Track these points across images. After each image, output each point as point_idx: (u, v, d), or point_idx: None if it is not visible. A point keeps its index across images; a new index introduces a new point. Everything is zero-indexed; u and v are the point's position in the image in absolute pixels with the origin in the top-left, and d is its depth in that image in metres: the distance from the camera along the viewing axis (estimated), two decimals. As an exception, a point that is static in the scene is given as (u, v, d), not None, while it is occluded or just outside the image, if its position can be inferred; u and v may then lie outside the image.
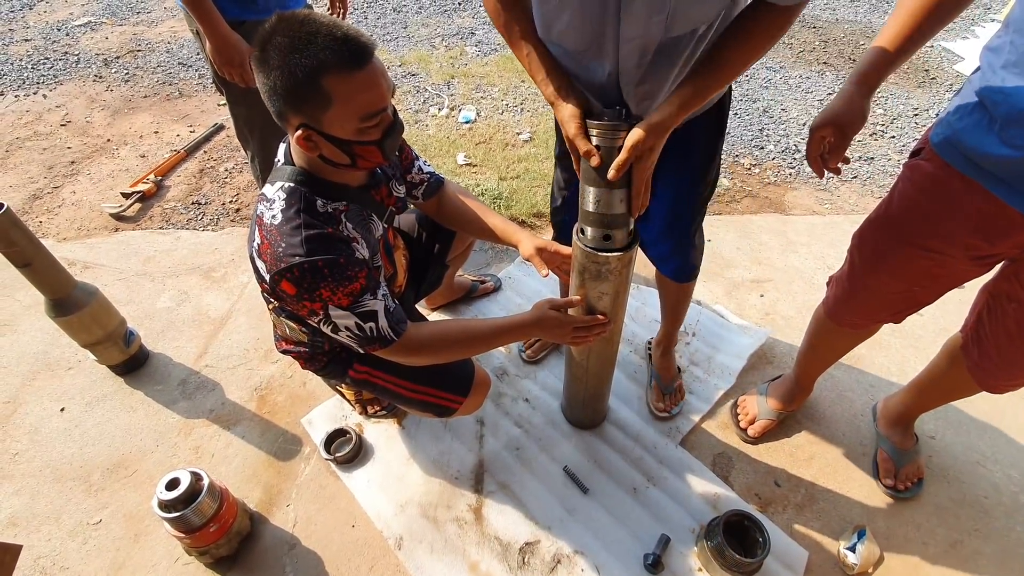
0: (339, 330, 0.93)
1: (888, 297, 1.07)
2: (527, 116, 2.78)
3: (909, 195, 0.94)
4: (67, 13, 4.09)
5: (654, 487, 1.34)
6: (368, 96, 0.81)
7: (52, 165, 2.53)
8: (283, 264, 0.86)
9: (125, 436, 1.49)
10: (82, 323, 1.46)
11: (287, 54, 0.76)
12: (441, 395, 1.18)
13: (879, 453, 1.39)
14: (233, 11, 1.35)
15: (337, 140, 0.84)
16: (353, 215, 0.96)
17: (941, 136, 0.87)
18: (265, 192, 0.92)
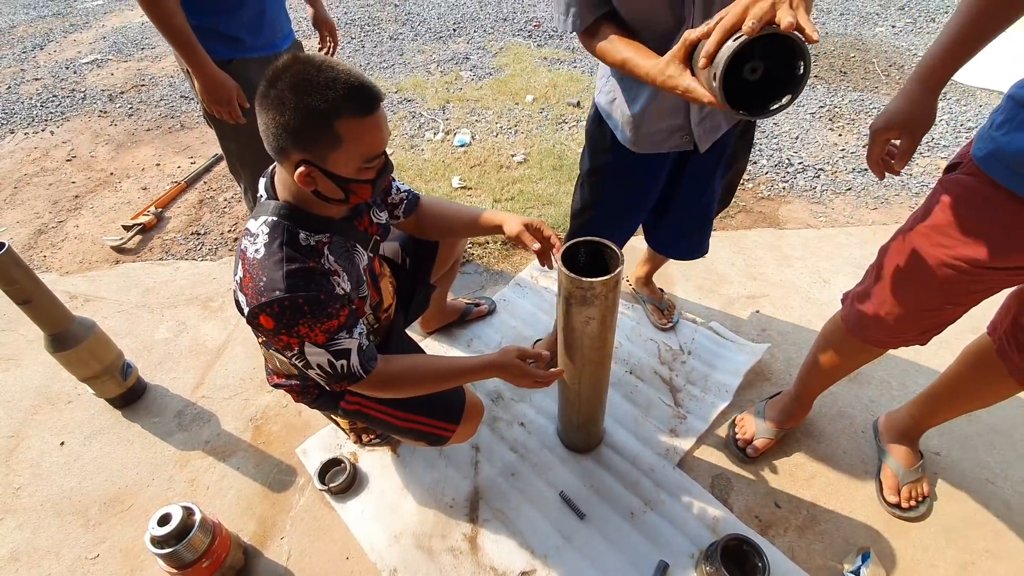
0: (311, 367, 0.94)
1: (919, 315, 1.02)
2: (521, 138, 2.81)
3: (949, 211, 0.91)
4: (75, 52, 4.21)
5: (652, 511, 1.32)
6: (374, 140, 0.85)
7: (57, 200, 2.59)
8: (263, 298, 0.87)
9: (122, 470, 1.49)
10: (80, 357, 1.47)
11: (304, 95, 0.78)
12: (433, 423, 1.17)
13: (883, 470, 1.36)
14: (221, 51, 1.38)
15: (337, 177, 0.87)
16: (336, 247, 0.98)
17: (985, 151, 0.84)
18: (249, 227, 0.94)
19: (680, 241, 1.45)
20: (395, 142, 2.85)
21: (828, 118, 2.85)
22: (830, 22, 3.93)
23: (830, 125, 2.80)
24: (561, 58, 3.63)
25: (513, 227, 1.14)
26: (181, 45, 1.30)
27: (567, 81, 3.31)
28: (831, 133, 2.74)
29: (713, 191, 1.31)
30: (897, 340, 1.11)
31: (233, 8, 1.38)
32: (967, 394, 1.20)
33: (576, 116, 2.97)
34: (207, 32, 1.35)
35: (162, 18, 1.26)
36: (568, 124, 2.90)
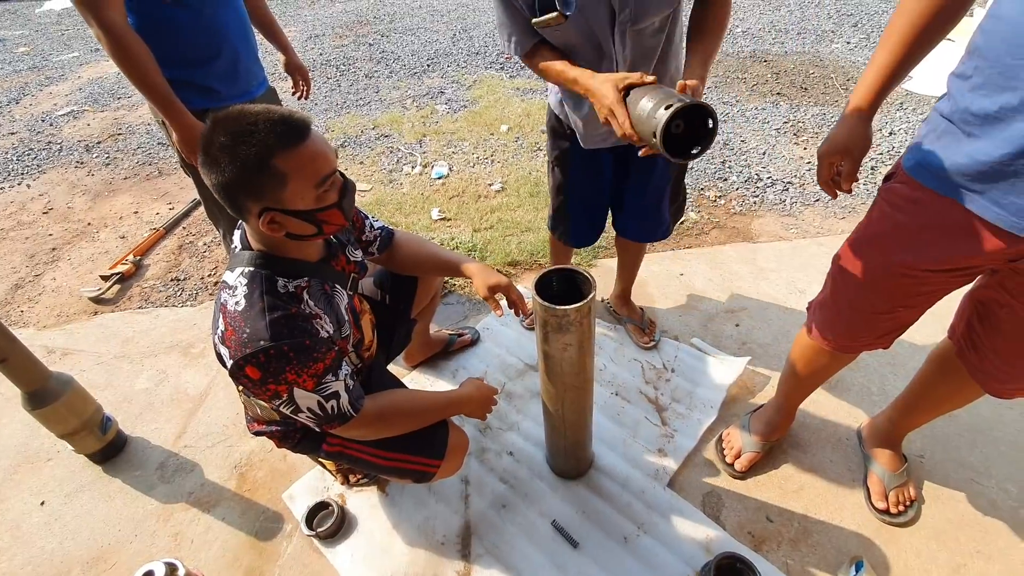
0: (300, 411, 0.94)
1: (873, 318, 1.08)
2: (498, 167, 2.87)
3: (886, 217, 0.97)
4: (51, 104, 4.23)
5: (645, 534, 1.31)
6: (317, 163, 0.86)
7: (34, 254, 2.57)
8: (248, 350, 0.86)
9: (104, 527, 1.45)
10: (58, 414, 1.45)
11: (234, 148, 0.80)
12: (417, 460, 1.16)
13: (869, 476, 1.38)
14: (197, 101, 1.41)
15: (300, 213, 0.88)
16: (314, 291, 0.98)
17: (913, 160, 0.91)
18: (226, 280, 0.94)
19: (639, 223, 1.60)
20: (373, 177, 2.89)
21: (792, 133, 2.95)
22: (788, 41, 4.10)
23: (795, 140, 2.89)
24: (534, 87, 3.73)
25: (480, 289, 1.21)
26: (158, 99, 1.32)
27: (540, 109, 3.39)
28: (796, 147, 2.83)
29: (660, 177, 1.46)
30: (858, 344, 1.15)
31: (208, 60, 1.41)
32: (938, 397, 1.23)
33: (550, 143, 3.03)
34: (182, 84, 1.38)
35: (138, 74, 1.28)
36: (543, 151, 2.96)
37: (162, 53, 1.33)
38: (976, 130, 0.79)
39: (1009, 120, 0.74)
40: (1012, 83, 0.73)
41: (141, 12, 1.30)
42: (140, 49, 1.26)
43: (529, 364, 1.77)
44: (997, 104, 0.75)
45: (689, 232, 2.29)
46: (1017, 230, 0.80)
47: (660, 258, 2.17)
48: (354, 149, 3.18)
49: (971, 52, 0.81)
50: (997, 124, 0.76)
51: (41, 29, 6.37)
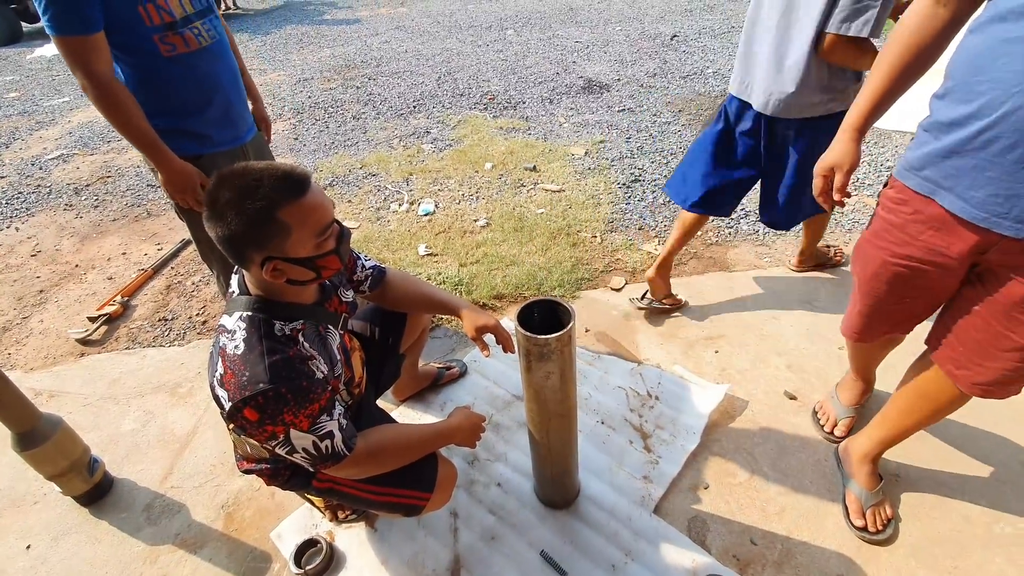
0: (296, 451, 0.97)
1: (885, 309, 1.22)
2: (483, 203, 2.95)
3: (881, 218, 1.14)
4: (41, 148, 4.28)
5: (632, 561, 1.33)
6: (318, 214, 0.92)
7: (21, 296, 2.57)
8: (247, 392, 0.90)
9: (91, 570, 1.43)
10: (47, 455, 1.44)
11: (239, 203, 0.86)
12: (406, 494, 1.18)
13: (847, 495, 1.42)
14: (191, 147, 1.47)
15: (301, 260, 0.94)
16: (310, 333, 1.03)
17: (899, 167, 1.08)
18: (224, 323, 0.98)
19: (769, 210, 1.84)
20: (361, 215, 2.96)
21: (764, 166, 3.09)
22: (757, 80, 4.32)
23: (766, 173, 3.03)
24: (516, 127, 3.87)
25: (469, 330, 1.29)
26: (145, 145, 1.38)
27: (523, 148, 3.51)
28: (768, 180, 2.96)
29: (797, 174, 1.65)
30: (874, 333, 1.30)
31: (201, 108, 1.47)
32: (916, 409, 1.29)
33: (533, 179, 3.14)
34: (177, 132, 1.44)
35: (124, 122, 1.34)
36: (526, 187, 3.07)
37: (158, 103, 1.40)
38: (942, 135, 0.96)
39: (965, 124, 0.91)
40: (970, 96, 0.90)
41: (138, 65, 1.37)
42: (125, 98, 1.32)
43: (516, 395, 1.80)
44: (958, 113, 0.92)
45: (668, 263, 2.37)
46: (979, 220, 0.94)
47: (640, 288, 2.23)
48: (342, 188, 3.26)
49: (945, 76, 0.97)
50: (956, 128, 0.93)
51: (32, 75, 6.46)
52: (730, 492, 1.48)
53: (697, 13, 6.50)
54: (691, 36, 5.59)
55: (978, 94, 0.88)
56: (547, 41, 5.87)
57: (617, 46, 5.48)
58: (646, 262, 2.38)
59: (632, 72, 4.72)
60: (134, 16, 1.29)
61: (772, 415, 1.68)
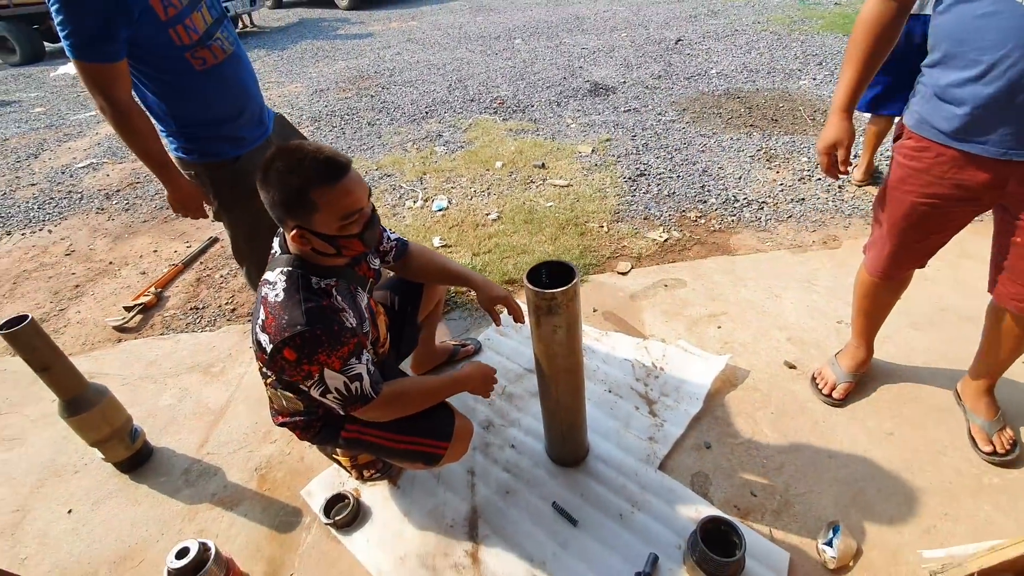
0: (328, 391, 1.08)
1: (911, 247, 1.36)
2: (494, 199, 3.08)
3: (904, 165, 1.27)
4: (70, 158, 4.50)
5: (639, 511, 1.41)
6: (346, 201, 1.05)
7: (58, 291, 2.72)
8: (286, 334, 1.02)
9: (131, 529, 1.54)
10: (93, 421, 1.56)
11: (283, 175, 1.01)
12: (427, 443, 1.29)
13: (971, 428, 1.53)
14: (230, 151, 1.58)
15: (324, 236, 1.06)
16: (342, 289, 1.15)
17: (914, 120, 1.22)
18: (267, 277, 1.11)
19: None
20: (378, 211, 3.09)
21: (766, 159, 3.19)
22: (759, 80, 4.43)
23: (768, 165, 3.12)
24: (525, 128, 4.01)
25: (483, 302, 1.43)
26: (157, 166, 1.48)
27: (531, 147, 3.64)
28: (770, 171, 3.05)
29: None
30: (901, 271, 1.44)
31: (237, 114, 1.57)
32: (1004, 343, 1.41)
33: (542, 176, 3.26)
34: (216, 139, 1.55)
35: (139, 145, 1.42)
36: (536, 183, 3.19)
37: (198, 115, 1.50)
38: (949, 97, 1.12)
39: (966, 84, 1.07)
40: (964, 64, 1.06)
41: (175, 82, 1.44)
42: (142, 123, 1.41)
43: (527, 368, 1.90)
44: (960, 76, 1.08)
45: (672, 248, 2.47)
46: (997, 156, 1.09)
47: (645, 272, 2.33)
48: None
49: (931, 48, 1.15)
50: (959, 87, 1.09)
51: (57, 91, 6.75)
52: (731, 451, 1.56)
53: (701, 19, 6.65)
54: (695, 40, 5.72)
55: (972, 61, 1.04)
56: (554, 49, 6.04)
57: (623, 51, 5.62)
58: (651, 248, 2.48)
59: (637, 75, 4.85)
60: (166, 40, 1.35)
61: (772, 383, 1.76)
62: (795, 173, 3.00)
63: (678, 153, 3.37)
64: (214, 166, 1.58)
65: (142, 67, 1.39)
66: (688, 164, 3.22)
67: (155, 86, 1.44)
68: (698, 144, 3.45)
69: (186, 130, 1.52)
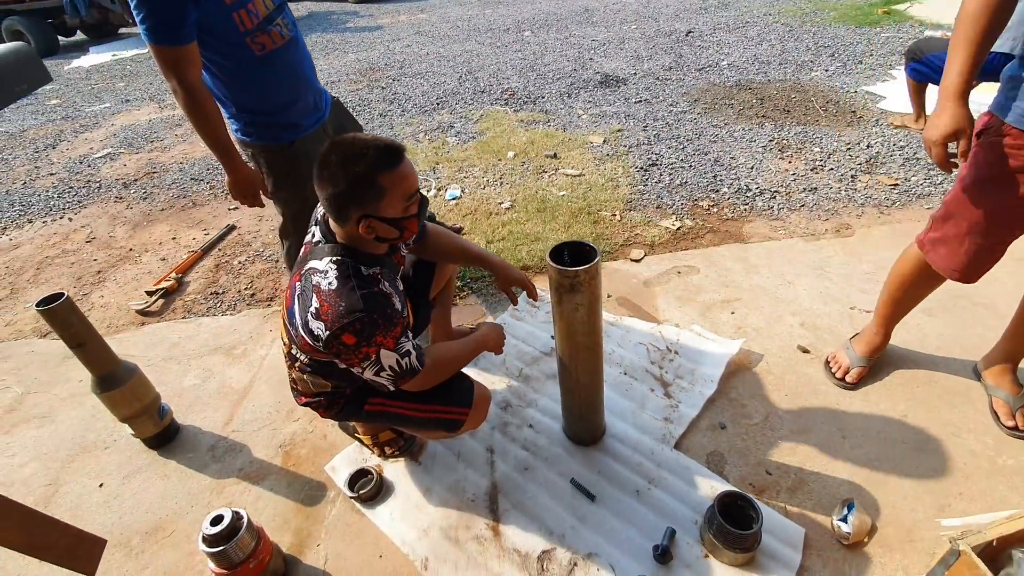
0: (383, 370, 1.13)
1: (996, 246, 1.31)
2: (506, 188, 3.10)
3: (998, 163, 1.20)
4: (88, 148, 4.56)
5: (655, 488, 1.45)
6: (408, 182, 1.11)
7: (80, 276, 2.78)
8: (346, 320, 1.06)
9: (161, 501, 1.59)
10: (124, 397, 1.61)
11: (346, 166, 1.04)
12: (449, 410, 1.33)
13: (993, 402, 1.56)
14: (288, 136, 1.63)
15: (390, 220, 1.11)
16: (386, 276, 1.20)
17: (1015, 115, 1.15)
18: (316, 266, 1.14)
19: None
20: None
21: (778, 149, 3.19)
22: (771, 71, 4.42)
23: (780, 155, 3.13)
24: (536, 119, 4.02)
25: (501, 283, 1.48)
26: (221, 150, 1.53)
27: (543, 138, 3.66)
28: (782, 161, 3.06)
29: None
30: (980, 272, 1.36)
31: (294, 100, 1.62)
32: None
33: (554, 166, 3.28)
34: (275, 125, 1.60)
35: (206, 128, 1.48)
36: (548, 173, 3.21)
37: (257, 101, 1.56)
38: None
39: None
40: None
41: (236, 68, 1.49)
42: (210, 106, 1.46)
43: (543, 352, 1.93)
44: None
45: (685, 236, 2.49)
46: None
47: (659, 260, 2.36)
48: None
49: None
50: None
51: (71, 84, 6.82)
52: (746, 432, 1.59)
53: (712, 10, 6.62)
54: (706, 32, 5.71)
55: None
56: (564, 41, 6.04)
57: (633, 43, 5.62)
58: (663, 236, 2.50)
59: (648, 67, 4.85)
60: (230, 24, 1.41)
61: (786, 366, 1.78)
62: (807, 163, 3.01)
63: (690, 143, 3.38)
64: (270, 149, 1.64)
65: (205, 52, 1.44)
66: (700, 154, 3.23)
67: (217, 70, 1.50)
68: (710, 134, 3.46)
69: (244, 115, 1.58)
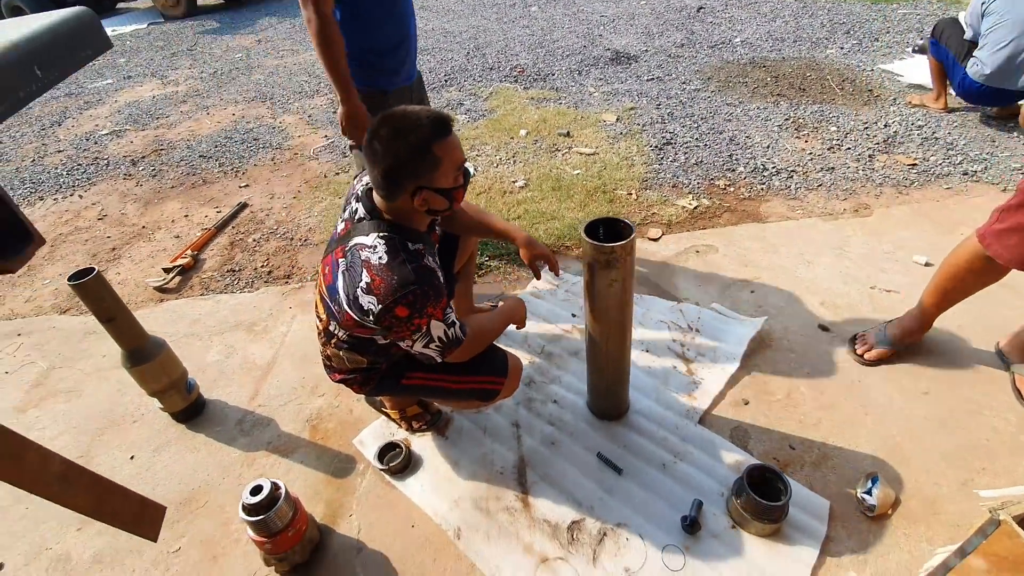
0: (432, 341, 1.14)
1: None
2: (520, 166, 3.08)
3: None
4: (93, 125, 4.51)
5: (681, 462, 1.47)
6: (458, 152, 1.11)
7: (95, 253, 2.78)
8: (399, 292, 1.07)
9: (193, 473, 1.62)
10: (153, 372, 1.63)
11: (401, 137, 1.04)
12: (485, 380, 1.35)
13: (1016, 380, 1.58)
14: (384, 83, 1.73)
15: (443, 190, 1.11)
16: (428, 251, 1.20)
17: None
18: (363, 241, 1.14)
19: None
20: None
21: (794, 128, 3.16)
22: (785, 48, 4.35)
23: (796, 134, 3.10)
24: (547, 97, 3.97)
25: (525, 256, 1.47)
26: (341, 81, 1.59)
27: (555, 116, 3.62)
28: (798, 141, 3.04)
29: None
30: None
31: (396, 48, 1.71)
32: None
33: (567, 144, 3.25)
34: (375, 70, 1.69)
35: (331, 58, 1.54)
36: (561, 151, 3.18)
37: (365, 41, 1.64)
38: None
39: None
40: None
41: (353, 5, 1.57)
42: (338, 38, 1.54)
43: (564, 329, 1.95)
44: None
45: (702, 216, 2.48)
46: None
47: (676, 239, 2.36)
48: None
49: None
50: None
51: (73, 60, 6.72)
52: (769, 407, 1.61)
53: (722, -14, 6.47)
54: (717, 8, 5.60)
55: None
56: (572, 16, 5.93)
57: (643, 19, 5.52)
58: (680, 215, 2.50)
59: (659, 43, 4.77)
60: None
61: (807, 344, 1.80)
62: (824, 142, 2.98)
63: (704, 122, 3.34)
64: (368, 94, 1.70)
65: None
66: (715, 133, 3.20)
67: (342, 6, 1.57)
68: (724, 113, 3.42)
69: (357, 55, 1.64)
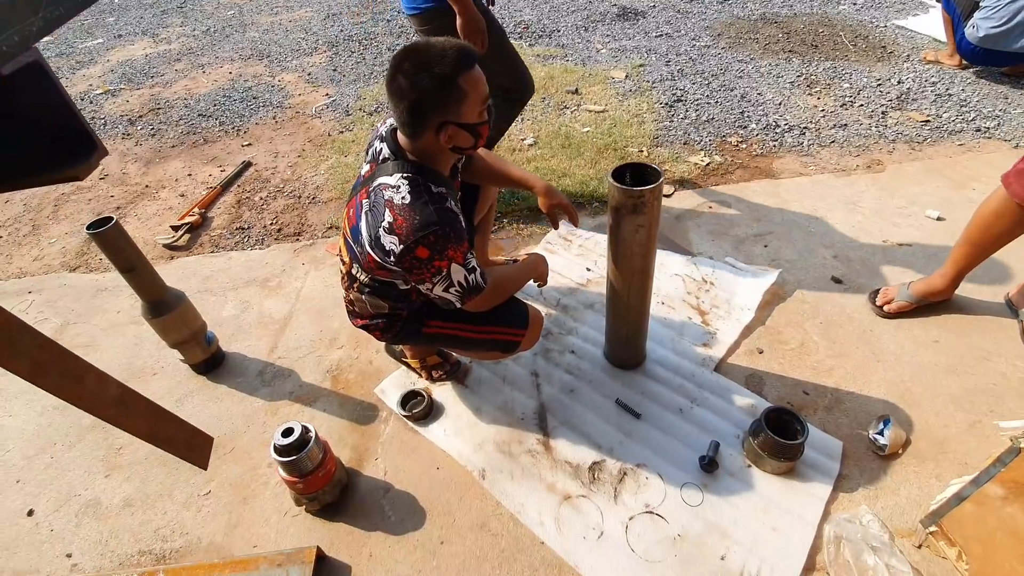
0: (452, 285, 1.14)
1: None
2: (528, 124, 3.04)
3: None
4: (87, 85, 4.38)
5: (698, 406, 1.51)
6: (483, 84, 1.09)
7: (100, 212, 2.75)
8: (421, 233, 1.06)
9: (218, 422, 1.65)
10: (174, 323, 1.64)
11: (426, 69, 1.01)
12: (506, 331, 1.36)
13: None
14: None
15: (468, 126, 1.09)
16: (451, 195, 1.19)
17: None
18: (387, 181, 1.13)
19: None
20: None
21: (806, 85, 3.12)
22: (797, 4, 4.24)
23: (808, 91, 3.06)
24: (553, 54, 3.88)
25: (543, 205, 1.45)
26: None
27: (562, 73, 3.55)
28: (810, 98, 3.00)
29: None
30: None
31: None
32: None
33: (576, 101, 3.20)
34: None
35: None
36: (570, 109, 3.13)
37: None
38: None
39: None
40: None
41: None
42: None
43: (578, 282, 1.96)
44: None
45: (715, 172, 2.47)
46: None
47: (689, 195, 2.35)
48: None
49: None
50: None
51: (59, 18, 6.48)
52: (783, 355, 1.64)
53: (731, -60, 6.25)
54: (726, -37, 5.42)
55: None
56: (577, -29, 5.73)
57: (650, -26, 5.34)
58: (693, 172, 2.48)
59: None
60: None
61: (820, 296, 1.82)
62: (836, 99, 2.95)
63: (715, 79, 3.28)
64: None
65: None
66: (726, 90, 3.15)
67: None
68: (735, 70, 3.36)
69: None
